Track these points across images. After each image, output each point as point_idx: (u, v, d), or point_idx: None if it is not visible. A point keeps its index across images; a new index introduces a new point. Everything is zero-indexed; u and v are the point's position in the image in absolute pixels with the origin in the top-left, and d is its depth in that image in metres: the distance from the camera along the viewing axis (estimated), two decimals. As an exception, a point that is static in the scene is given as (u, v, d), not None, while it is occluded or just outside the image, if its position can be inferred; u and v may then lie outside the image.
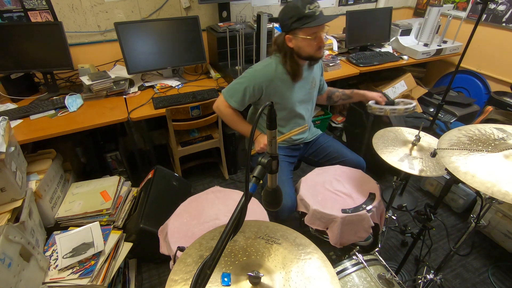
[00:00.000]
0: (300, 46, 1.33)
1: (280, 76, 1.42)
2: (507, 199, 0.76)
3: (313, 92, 1.57)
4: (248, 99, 1.45)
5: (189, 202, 1.28)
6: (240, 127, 1.52)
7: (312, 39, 1.30)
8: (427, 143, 1.34)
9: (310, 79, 1.52)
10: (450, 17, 2.46)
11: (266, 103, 0.62)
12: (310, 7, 1.24)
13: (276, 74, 1.41)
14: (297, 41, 1.33)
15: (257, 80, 1.40)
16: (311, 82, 1.53)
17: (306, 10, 1.24)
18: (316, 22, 1.25)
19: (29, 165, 1.59)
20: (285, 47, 1.36)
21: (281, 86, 1.43)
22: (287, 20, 1.28)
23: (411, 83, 2.75)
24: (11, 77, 1.87)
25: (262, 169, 0.65)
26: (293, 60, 1.38)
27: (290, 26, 1.28)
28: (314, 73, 1.54)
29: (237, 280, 0.77)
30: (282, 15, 1.31)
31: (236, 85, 1.44)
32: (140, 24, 1.97)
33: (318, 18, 1.26)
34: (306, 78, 1.50)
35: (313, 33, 1.29)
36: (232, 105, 1.46)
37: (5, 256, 1.07)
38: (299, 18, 1.25)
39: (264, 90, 1.43)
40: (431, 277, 1.37)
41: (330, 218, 1.22)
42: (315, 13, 1.25)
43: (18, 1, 1.82)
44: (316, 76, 1.57)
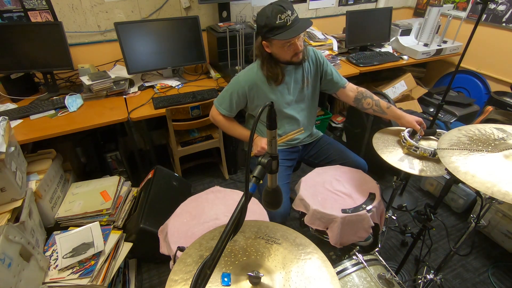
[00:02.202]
0: (277, 53, 1.34)
1: (262, 79, 1.42)
2: (507, 199, 0.76)
3: (306, 91, 1.52)
4: (235, 105, 1.47)
5: (189, 202, 1.28)
6: (235, 132, 1.53)
7: (286, 47, 1.29)
8: (428, 143, 1.34)
9: (300, 78, 1.49)
10: (450, 17, 2.46)
11: (265, 104, 0.62)
12: (281, 17, 1.20)
13: (258, 77, 1.41)
14: (273, 48, 1.33)
15: (240, 85, 1.42)
16: (301, 82, 1.49)
17: (277, 21, 1.20)
18: (285, 35, 1.22)
19: (29, 165, 1.59)
20: (263, 52, 1.36)
21: (264, 89, 1.43)
22: (261, 28, 1.27)
23: (411, 83, 2.75)
24: (11, 77, 1.87)
25: (262, 169, 0.65)
26: (271, 64, 1.38)
27: (264, 35, 1.28)
28: (305, 72, 1.50)
29: (237, 280, 0.77)
30: (256, 22, 1.30)
31: (224, 92, 1.48)
32: (140, 24, 1.97)
33: (289, 29, 1.22)
34: (294, 78, 1.47)
35: (287, 42, 1.27)
36: (222, 113, 1.49)
37: (5, 256, 1.07)
38: (270, 29, 1.23)
39: (247, 95, 1.44)
40: (431, 277, 1.37)
41: (330, 218, 1.22)
42: (286, 24, 1.21)
43: (18, 1, 1.82)
44: (310, 73, 1.51)
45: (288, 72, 1.45)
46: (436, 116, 1.93)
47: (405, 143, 1.29)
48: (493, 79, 2.64)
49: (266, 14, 1.22)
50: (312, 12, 2.75)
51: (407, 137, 1.29)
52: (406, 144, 1.28)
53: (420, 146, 1.24)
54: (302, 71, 1.48)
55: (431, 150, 1.23)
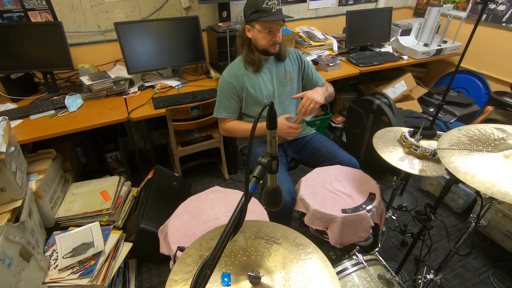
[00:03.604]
0: (256, 38, 1.42)
1: (243, 71, 1.50)
2: (507, 199, 0.76)
3: (289, 87, 1.59)
4: (234, 102, 1.52)
5: (189, 202, 1.28)
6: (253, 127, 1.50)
7: (266, 33, 1.38)
8: (427, 143, 1.34)
9: (283, 73, 1.57)
10: (450, 17, 2.46)
11: (265, 104, 0.62)
12: (268, 2, 1.32)
13: (239, 69, 1.50)
14: (253, 33, 1.42)
15: (227, 81, 1.49)
16: (283, 77, 1.57)
17: (264, 5, 1.32)
18: (269, 18, 1.34)
19: (29, 165, 1.59)
20: (244, 37, 1.46)
21: (247, 80, 1.50)
22: (247, 10, 1.38)
23: (411, 83, 2.75)
24: (11, 77, 1.87)
25: (262, 169, 0.65)
26: (250, 49, 1.47)
27: (249, 17, 1.38)
28: (287, 67, 1.58)
29: (237, 280, 0.77)
30: (245, 5, 1.40)
31: (217, 98, 1.54)
32: (140, 24, 1.97)
33: (273, 15, 1.34)
34: (276, 72, 1.55)
35: (268, 28, 1.37)
36: (227, 117, 1.53)
37: (5, 256, 1.07)
38: (256, 11, 1.34)
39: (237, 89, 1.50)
40: (431, 277, 1.37)
41: (330, 218, 1.22)
42: (271, 10, 1.33)
43: (18, 1, 1.82)
44: (292, 70, 1.60)
45: (269, 64, 1.54)
46: (436, 116, 1.93)
47: (405, 142, 1.29)
48: (493, 79, 2.64)
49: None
50: (312, 12, 2.75)
51: (408, 136, 1.29)
52: (407, 143, 1.28)
53: (420, 146, 1.25)
54: (284, 66, 1.57)
55: (431, 149, 1.23)
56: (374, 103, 2.16)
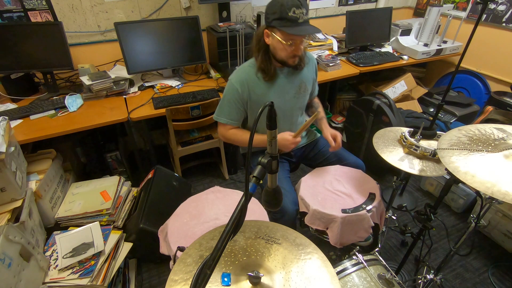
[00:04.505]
0: (275, 47, 1.26)
1: (254, 79, 1.34)
2: (507, 199, 0.76)
3: (301, 98, 1.46)
4: (236, 111, 1.38)
5: (189, 202, 1.28)
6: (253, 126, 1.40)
7: (287, 44, 1.21)
8: (427, 143, 1.34)
9: (297, 83, 1.41)
10: (450, 17, 2.46)
11: (265, 104, 0.62)
12: (295, 11, 1.14)
13: (249, 76, 1.34)
14: (274, 41, 1.24)
15: (234, 87, 1.33)
16: (298, 87, 1.42)
17: (290, 13, 1.13)
18: (294, 30, 1.16)
19: (29, 165, 1.59)
20: (262, 41, 1.28)
21: (257, 89, 1.34)
22: (270, 13, 1.19)
23: (411, 83, 2.75)
24: (11, 77, 1.87)
25: (262, 169, 0.65)
26: (266, 56, 1.29)
27: (270, 22, 1.19)
28: (303, 77, 1.42)
29: (237, 280, 0.77)
30: (267, 7, 1.22)
31: (220, 102, 1.40)
32: (140, 24, 1.97)
33: (299, 26, 1.16)
34: (291, 82, 1.40)
35: (290, 39, 1.20)
36: (227, 123, 1.39)
37: (5, 256, 1.07)
38: (280, 18, 1.15)
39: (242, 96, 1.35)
40: (431, 277, 1.37)
41: (330, 218, 1.22)
42: (298, 20, 1.15)
43: (18, 1, 1.82)
44: (307, 80, 1.45)
45: (284, 74, 1.38)
46: (436, 116, 1.93)
47: (405, 142, 1.29)
48: (493, 79, 2.64)
49: (281, 2, 1.14)
50: (312, 12, 2.75)
51: (408, 136, 1.29)
52: (407, 143, 1.28)
53: (420, 146, 1.25)
54: (300, 76, 1.42)
55: (431, 149, 1.23)
56: (374, 103, 2.16)
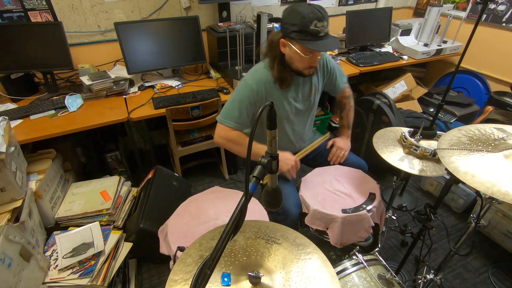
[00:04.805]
0: (292, 57, 1.22)
1: (271, 83, 1.29)
2: (507, 199, 0.76)
3: (312, 100, 1.46)
4: (246, 114, 1.29)
5: (189, 202, 1.28)
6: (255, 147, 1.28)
7: (305, 57, 1.18)
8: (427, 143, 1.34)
9: (308, 87, 1.41)
10: (450, 17, 2.46)
11: (265, 104, 0.62)
12: (317, 24, 1.08)
13: (267, 80, 1.28)
14: (291, 51, 1.20)
15: (251, 89, 1.26)
16: (308, 91, 1.42)
17: (311, 26, 1.08)
18: (315, 45, 1.11)
19: (29, 165, 1.59)
20: (277, 50, 1.23)
21: (274, 94, 1.31)
22: (289, 25, 1.13)
23: (411, 83, 2.75)
24: (11, 77, 1.87)
25: (262, 169, 0.65)
26: (282, 65, 1.25)
27: (289, 33, 1.14)
28: (313, 80, 1.41)
29: (237, 280, 0.77)
30: (285, 16, 1.16)
31: (229, 103, 1.30)
32: (140, 24, 1.97)
33: (320, 40, 1.12)
34: (302, 87, 1.38)
35: (309, 52, 1.16)
36: (232, 127, 1.29)
37: (5, 256, 1.07)
38: (301, 31, 1.10)
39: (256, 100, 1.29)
40: (431, 277, 1.37)
41: (330, 218, 1.22)
42: (319, 33, 1.10)
43: (18, 1, 1.82)
44: (317, 82, 1.44)
45: (297, 80, 1.35)
46: (436, 116, 1.93)
47: (405, 142, 1.29)
48: (493, 79, 2.64)
49: (302, 13, 1.08)
50: (312, 12, 2.75)
51: (408, 136, 1.29)
52: (407, 143, 1.28)
53: (420, 146, 1.25)
54: (311, 80, 1.40)
55: (431, 149, 1.23)
56: (374, 103, 2.16)
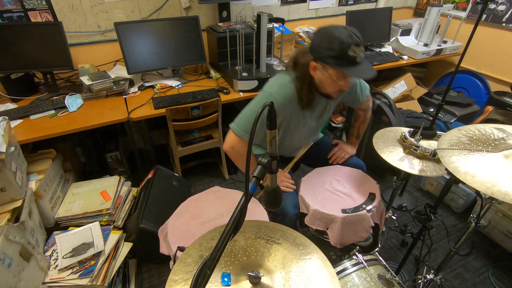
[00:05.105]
0: (323, 81, 1.16)
1: (295, 99, 1.23)
2: (507, 199, 0.76)
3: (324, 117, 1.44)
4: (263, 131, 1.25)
5: (189, 202, 1.28)
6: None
7: (337, 82, 1.13)
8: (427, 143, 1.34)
9: (324, 106, 1.38)
10: (450, 17, 2.46)
11: (265, 103, 0.62)
12: (355, 50, 1.04)
13: (292, 95, 1.21)
14: (322, 75, 1.14)
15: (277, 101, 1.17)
16: (323, 109, 1.40)
17: (350, 52, 1.04)
18: (353, 71, 1.07)
19: (29, 165, 1.59)
20: (306, 73, 1.17)
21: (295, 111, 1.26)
22: (324, 49, 1.07)
23: (411, 83, 2.75)
24: (11, 77, 1.87)
25: (262, 169, 0.65)
26: (311, 88, 1.20)
27: (324, 58, 1.08)
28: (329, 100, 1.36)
29: (237, 280, 0.77)
30: (319, 40, 1.10)
31: (249, 116, 1.22)
32: (140, 24, 1.97)
33: (358, 66, 1.07)
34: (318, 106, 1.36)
35: (344, 78, 1.13)
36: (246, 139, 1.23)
37: (5, 256, 1.07)
38: (338, 57, 1.05)
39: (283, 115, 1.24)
40: (431, 277, 1.37)
41: (330, 218, 1.22)
42: (356, 59, 1.06)
43: (18, 1, 1.82)
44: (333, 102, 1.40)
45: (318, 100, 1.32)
46: (436, 116, 1.93)
47: (405, 142, 1.29)
48: (493, 79, 2.64)
49: (340, 38, 1.03)
50: (312, 12, 2.75)
51: (408, 136, 1.29)
52: (407, 143, 1.28)
53: (420, 146, 1.25)
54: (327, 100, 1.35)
55: (431, 149, 1.23)
56: (374, 103, 2.16)
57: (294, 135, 1.40)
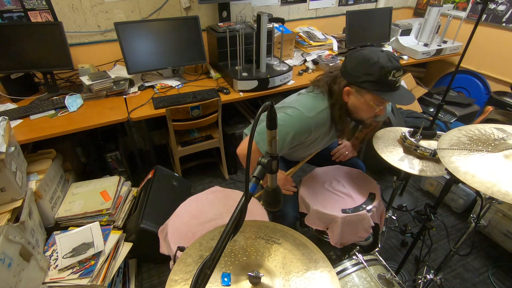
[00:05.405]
0: (357, 107, 1.11)
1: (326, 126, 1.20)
2: (507, 199, 0.76)
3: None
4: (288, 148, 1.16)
5: (189, 202, 1.28)
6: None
7: (373, 108, 1.09)
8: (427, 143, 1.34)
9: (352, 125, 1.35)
10: (450, 17, 2.46)
11: (265, 103, 0.62)
12: (395, 74, 1.01)
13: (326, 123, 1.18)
14: (357, 101, 1.10)
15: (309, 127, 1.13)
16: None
17: (390, 77, 1.01)
18: (393, 97, 1.04)
19: (29, 165, 1.59)
20: (341, 99, 1.12)
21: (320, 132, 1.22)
22: (361, 74, 1.03)
23: (411, 83, 2.75)
24: (11, 77, 1.87)
25: (262, 169, 0.65)
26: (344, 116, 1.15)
27: (360, 83, 1.05)
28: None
29: (237, 280, 0.77)
30: (356, 64, 1.05)
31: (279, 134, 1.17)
32: (140, 24, 1.97)
33: (396, 90, 1.05)
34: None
35: (381, 103, 1.09)
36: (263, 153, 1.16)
37: (5, 256, 1.07)
38: (377, 82, 1.02)
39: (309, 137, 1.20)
40: (431, 277, 1.37)
41: (330, 218, 1.22)
42: (396, 84, 1.04)
43: (18, 1, 1.82)
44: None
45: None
46: (436, 116, 1.93)
47: (405, 142, 1.29)
48: (493, 79, 2.64)
49: (380, 63, 1.00)
50: (312, 12, 2.75)
51: (408, 136, 1.29)
52: (407, 143, 1.28)
53: (420, 146, 1.25)
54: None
55: (431, 149, 1.23)
56: (374, 103, 2.16)
57: (311, 149, 1.40)
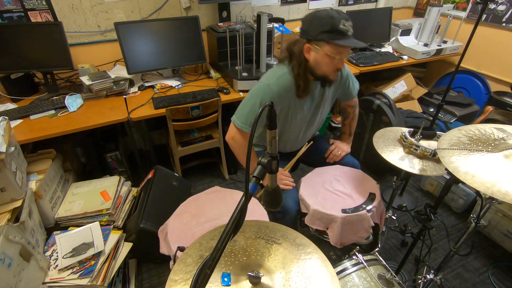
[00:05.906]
0: (319, 61, 1.20)
1: (292, 89, 1.26)
2: (507, 199, 0.76)
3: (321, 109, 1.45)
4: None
5: (189, 202, 1.28)
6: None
7: (334, 58, 1.17)
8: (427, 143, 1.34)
9: (321, 96, 1.40)
10: (450, 17, 2.46)
11: (265, 104, 0.62)
12: (345, 23, 1.12)
13: (290, 86, 1.25)
14: (317, 55, 1.18)
15: (273, 93, 1.22)
16: (321, 99, 1.41)
17: (341, 25, 1.11)
18: (347, 42, 1.14)
19: (29, 165, 1.59)
20: (301, 58, 1.21)
21: (291, 101, 1.29)
22: (315, 28, 1.14)
23: (411, 83, 2.75)
24: (11, 77, 1.87)
25: (262, 169, 0.65)
26: (306, 73, 1.23)
27: (317, 36, 1.14)
28: (326, 90, 1.40)
29: (237, 280, 0.77)
30: (309, 22, 1.17)
31: (248, 107, 1.26)
32: (140, 24, 1.97)
33: (349, 38, 1.15)
34: (316, 96, 1.38)
35: (339, 52, 1.17)
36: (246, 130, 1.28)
37: (5, 256, 1.07)
38: (330, 31, 1.11)
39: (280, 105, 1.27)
40: (431, 277, 1.37)
41: (330, 218, 1.22)
42: (347, 32, 1.13)
43: (18, 1, 1.82)
44: (330, 94, 1.43)
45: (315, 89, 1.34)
46: (436, 116, 1.93)
47: (405, 142, 1.29)
48: (493, 79, 2.64)
49: (330, 15, 1.11)
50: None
51: (408, 136, 1.29)
52: (407, 143, 1.28)
53: (420, 146, 1.25)
54: (325, 89, 1.38)
55: (431, 149, 1.23)
56: (374, 103, 2.16)
57: (292, 127, 1.42)
